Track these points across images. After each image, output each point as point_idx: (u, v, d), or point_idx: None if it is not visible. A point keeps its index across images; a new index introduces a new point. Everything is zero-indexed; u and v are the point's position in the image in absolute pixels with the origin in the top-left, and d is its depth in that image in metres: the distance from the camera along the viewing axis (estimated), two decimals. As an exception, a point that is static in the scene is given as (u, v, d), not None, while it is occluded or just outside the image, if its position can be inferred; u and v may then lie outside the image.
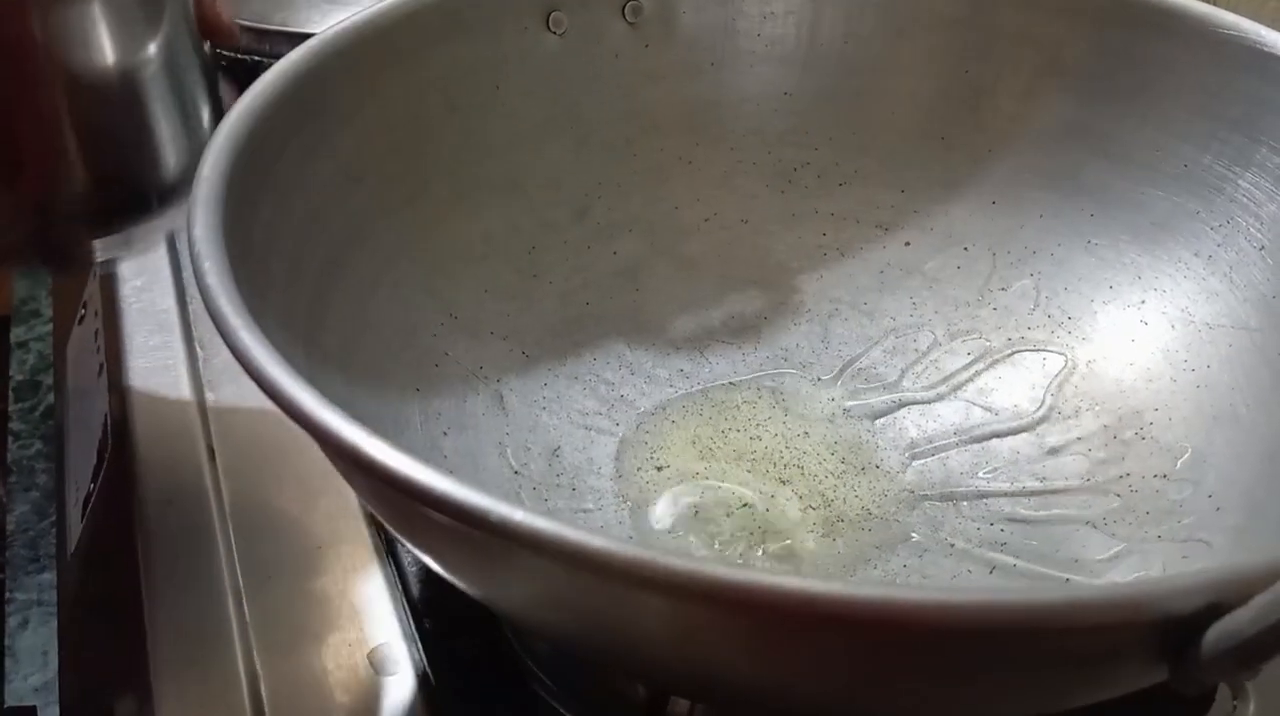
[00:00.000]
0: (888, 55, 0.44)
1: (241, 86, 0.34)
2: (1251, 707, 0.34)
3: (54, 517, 0.57)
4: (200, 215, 0.27)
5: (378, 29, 0.37)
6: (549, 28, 0.42)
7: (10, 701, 0.52)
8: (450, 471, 0.34)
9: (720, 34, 0.44)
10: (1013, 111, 0.43)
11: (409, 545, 0.26)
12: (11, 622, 0.55)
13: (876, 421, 0.41)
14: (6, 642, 0.56)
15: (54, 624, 0.53)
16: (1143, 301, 0.40)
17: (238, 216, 0.29)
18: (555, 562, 0.19)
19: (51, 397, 0.64)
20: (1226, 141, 0.39)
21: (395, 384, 0.36)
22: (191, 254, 0.26)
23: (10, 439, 0.64)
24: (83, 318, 0.56)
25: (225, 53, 0.52)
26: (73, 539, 0.50)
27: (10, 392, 0.67)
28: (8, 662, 0.54)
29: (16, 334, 0.70)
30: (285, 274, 0.32)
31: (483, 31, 0.40)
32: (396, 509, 0.23)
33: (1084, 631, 0.18)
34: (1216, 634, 0.18)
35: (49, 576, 0.57)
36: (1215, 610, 0.18)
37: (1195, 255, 0.40)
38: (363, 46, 0.37)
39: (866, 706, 0.23)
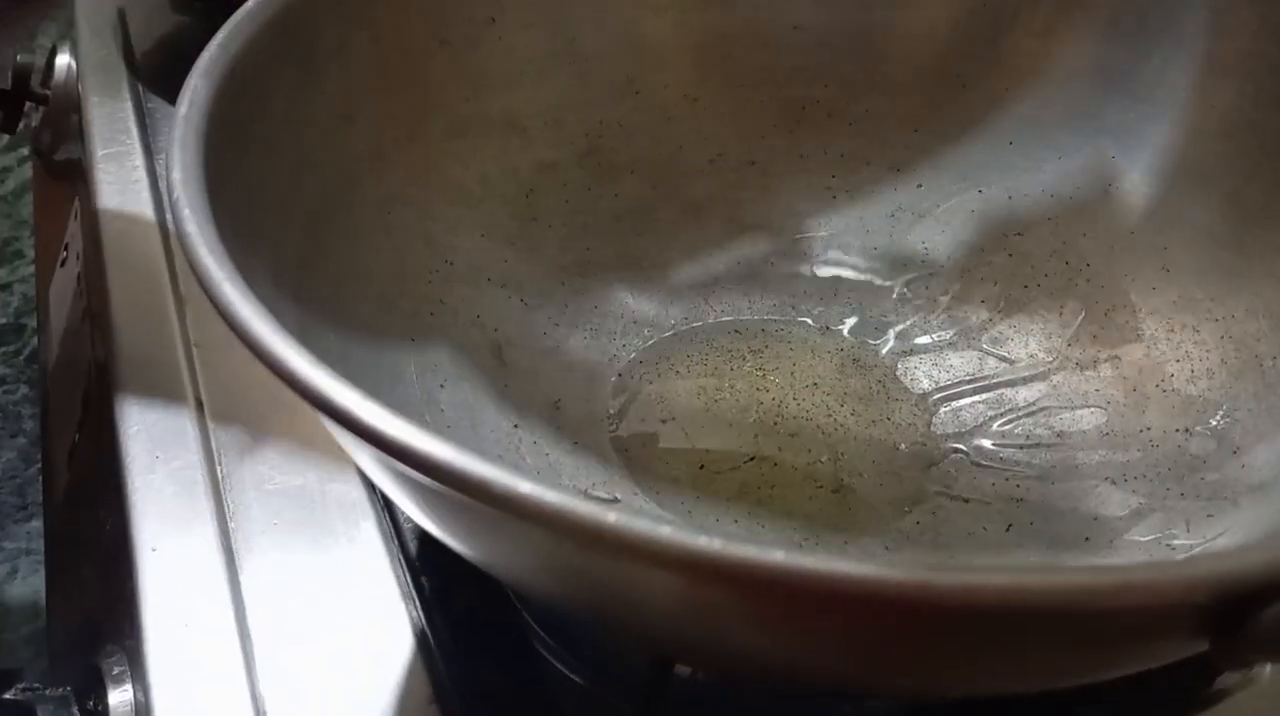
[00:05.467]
0: (903, -13, 0.42)
1: (215, 14, 0.32)
2: (1269, 667, 0.33)
3: (41, 465, 0.56)
4: (179, 157, 0.25)
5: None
6: (548, -46, 0.39)
7: (2, 652, 0.51)
8: (448, 426, 0.34)
9: (728, -37, 0.42)
10: (1032, 48, 0.41)
11: (412, 513, 0.24)
12: (0, 572, 0.55)
13: (887, 372, 0.40)
14: (-4, 592, 0.55)
15: (44, 573, 0.52)
16: (1165, 248, 0.39)
17: (220, 158, 0.27)
18: (561, 537, 0.18)
19: (36, 341, 0.62)
20: (1259, 82, 0.37)
21: (390, 335, 0.34)
22: (170, 200, 0.24)
23: (-5, 384, 0.63)
24: (64, 260, 0.54)
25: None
26: (60, 487, 0.49)
27: (-6, 336, 0.65)
28: (-2, 612, 0.54)
29: (-1, 275, 0.68)
30: (273, 220, 0.30)
31: (478, -42, 0.38)
32: (391, 472, 0.22)
33: (1130, 611, 0.17)
34: (1273, 615, 0.17)
35: (38, 524, 0.56)
36: (1270, 590, 0.17)
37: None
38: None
39: (891, 680, 0.22)
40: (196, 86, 0.28)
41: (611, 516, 0.17)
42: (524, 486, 0.18)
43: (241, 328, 0.21)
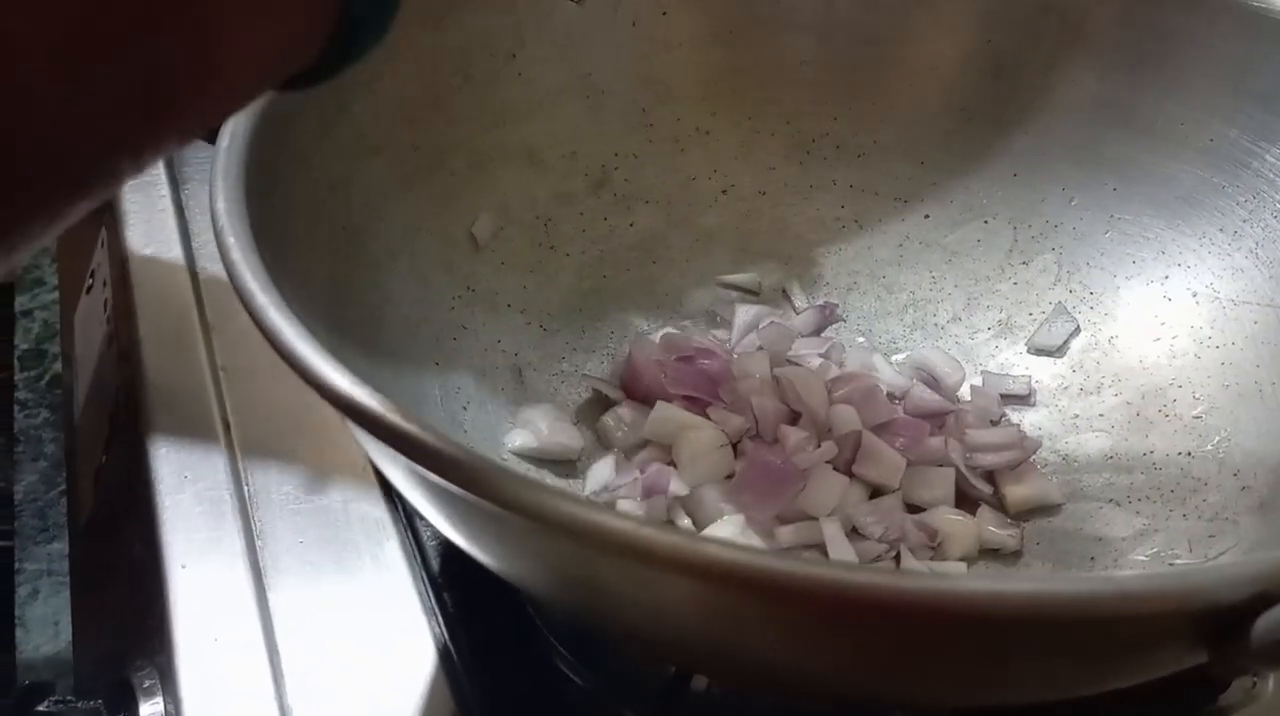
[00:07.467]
0: (908, 24, 0.43)
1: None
2: (1270, 685, 0.34)
3: (63, 487, 0.57)
4: (223, 188, 0.27)
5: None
6: (566, -7, 0.41)
7: (21, 671, 0.52)
8: (472, 447, 0.34)
9: (738, 1, 0.43)
10: (1035, 83, 0.42)
11: (440, 525, 0.25)
12: (21, 593, 0.55)
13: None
14: (17, 613, 0.56)
15: (65, 594, 0.52)
16: (1166, 277, 0.40)
17: (258, 188, 0.28)
18: (603, 551, 0.19)
19: (58, 366, 0.63)
20: (1253, 115, 0.38)
21: (414, 358, 0.35)
22: (215, 229, 0.25)
23: (17, 408, 0.64)
24: (90, 287, 0.55)
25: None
26: (85, 509, 0.50)
27: (16, 361, 0.66)
28: (18, 633, 0.54)
29: (21, 302, 0.69)
30: (304, 245, 0.31)
31: (500, -3, 0.39)
32: (431, 487, 0.23)
33: (1130, 620, 0.18)
34: (1267, 623, 0.18)
35: (59, 546, 0.57)
36: (1263, 599, 0.18)
37: (1220, 230, 0.39)
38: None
39: (900, 688, 0.23)
40: (236, 120, 0.29)
41: (647, 528, 0.18)
42: (565, 503, 0.19)
43: (287, 351, 0.22)
